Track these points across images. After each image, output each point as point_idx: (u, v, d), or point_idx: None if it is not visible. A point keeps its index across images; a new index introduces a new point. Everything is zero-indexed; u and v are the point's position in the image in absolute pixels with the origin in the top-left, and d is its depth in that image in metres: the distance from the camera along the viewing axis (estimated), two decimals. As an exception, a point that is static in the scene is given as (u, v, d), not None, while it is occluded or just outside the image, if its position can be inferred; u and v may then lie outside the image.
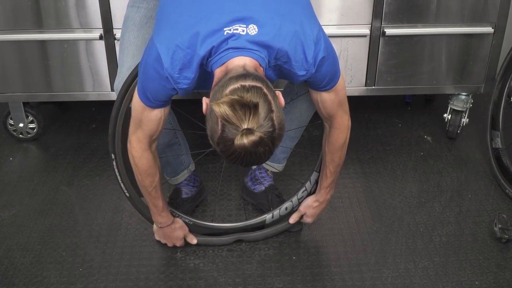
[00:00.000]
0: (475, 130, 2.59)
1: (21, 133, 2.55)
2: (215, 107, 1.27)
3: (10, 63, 2.31)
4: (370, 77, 2.39)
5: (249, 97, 1.28)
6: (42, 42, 2.27)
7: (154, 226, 1.94)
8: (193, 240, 1.97)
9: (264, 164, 2.12)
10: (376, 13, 2.26)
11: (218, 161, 2.36)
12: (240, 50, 1.42)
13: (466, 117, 2.52)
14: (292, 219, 2.00)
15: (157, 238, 1.97)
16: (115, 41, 2.25)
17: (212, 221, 2.04)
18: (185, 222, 1.96)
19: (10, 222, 2.11)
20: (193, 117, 1.89)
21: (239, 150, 1.30)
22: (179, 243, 1.96)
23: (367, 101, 2.73)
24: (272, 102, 1.32)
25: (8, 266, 1.91)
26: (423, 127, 2.68)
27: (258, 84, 1.32)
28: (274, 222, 2.02)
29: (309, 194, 1.99)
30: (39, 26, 2.23)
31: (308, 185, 1.98)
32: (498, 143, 2.34)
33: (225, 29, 1.42)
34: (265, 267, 1.92)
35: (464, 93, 2.48)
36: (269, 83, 1.37)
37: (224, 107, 1.26)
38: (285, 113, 1.92)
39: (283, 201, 2.05)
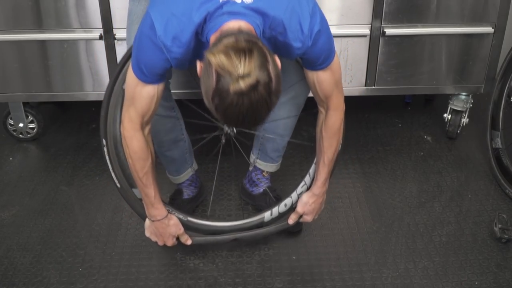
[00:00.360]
0: (475, 130, 2.59)
1: (21, 133, 2.55)
2: (211, 56, 1.25)
3: (10, 63, 2.31)
4: (370, 77, 2.39)
5: (244, 44, 1.26)
6: (42, 42, 2.27)
7: (146, 221, 1.85)
8: (188, 241, 1.88)
9: (257, 165, 2.11)
10: (376, 13, 2.26)
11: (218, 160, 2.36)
12: (234, 14, 1.40)
13: (466, 117, 2.52)
14: (291, 220, 1.93)
15: (147, 234, 1.87)
16: (115, 41, 2.25)
17: (208, 219, 1.99)
18: (180, 219, 1.87)
19: (10, 222, 2.11)
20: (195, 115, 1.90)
21: (235, 99, 1.26)
22: (170, 242, 1.85)
23: (367, 101, 2.73)
24: (268, 55, 1.30)
25: (8, 266, 1.91)
26: (423, 127, 2.68)
27: (253, 39, 1.30)
28: (273, 220, 1.97)
29: (309, 188, 1.93)
30: (39, 26, 2.23)
31: (307, 179, 1.93)
32: (498, 143, 2.34)
33: None
34: (265, 267, 1.92)
35: (464, 93, 2.48)
36: (265, 44, 1.34)
37: (219, 55, 1.25)
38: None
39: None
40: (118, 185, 1.85)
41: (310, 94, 1.91)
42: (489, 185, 2.29)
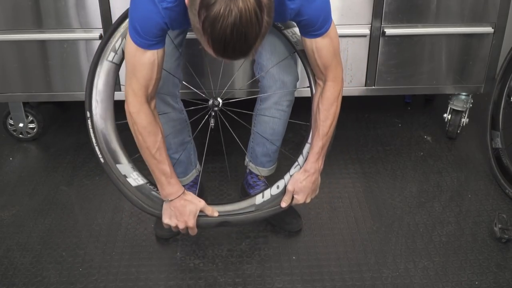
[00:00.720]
0: (475, 130, 2.59)
1: (21, 133, 2.55)
2: None
3: (10, 63, 2.31)
4: (370, 77, 2.39)
5: None
6: (42, 42, 2.27)
7: (164, 205, 1.73)
8: (215, 213, 1.75)
9: (250, 168, 2.10)
10: (376, 13, 2.26)
11: (218, 160, 2.36)
12: None
13: (466, 117, 2.52)
14: (284, 202, 1.81)
15: (165, 221, 1.73)
16: (115, 41, 2.25)
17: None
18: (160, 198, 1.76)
19: (10, 222, 2.11)
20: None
21: (223, 7, 1.19)
22: (191, 222, 1.71)
23: (367, 101, 2.73)
24: None
25: (8, 266, 1.91)
26: (423, 127, 2.68)
27: None
28: (265, 203, 1.83)
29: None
30: (39, 26, 2.23)
31: (300, 159, 1.81)
32: (498, 143, 2.34)
33: None
34: (265, 267, 1.92)
35: (464, 93, 2.48)
36: None
37: None
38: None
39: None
40: (102, 160, 1.76)
41: (297, 94, 1.90)
42: (489, 185, 2.29)
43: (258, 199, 1.84)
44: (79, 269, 1.90)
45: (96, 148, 1.74)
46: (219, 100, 1.84)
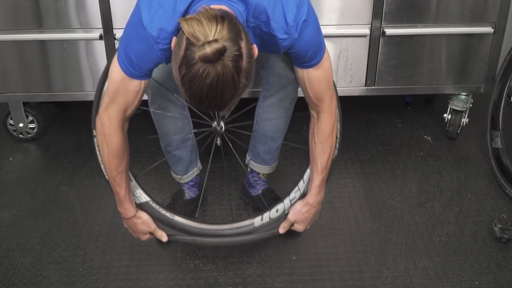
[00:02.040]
0: (475, 130, 2.59)
1: (21, 133, 2.55)
2: (183, 23, 1.22)
3: (10, 63, 2.31)
4: (370, 77, 2.39)
5: (218, 12, 1.24)
6: (42, 42, 2.27)
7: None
8: (163, 238, 1.83)
9: (252, 166, 2.10)
10: (376, 13, 2.26)
11: (218, 160, 2.36)
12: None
13: (466, 117, 2.52)
14: (282, 229, 1.84)
15: (125, 225, 1.87)
16: (115, 41, 2.25)
17: (195, 221, 1.89)
18: (166, 217, 1.83)
19: (10, 222, 2.11)
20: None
21: (201, 69, 1.22)
22: (143, 238, 1.84)
23: (367, 101, 2.73)
24: (243, 32, 1.27)
25: (8, 266, 1.91)
26: (423, 127, 2.68)
27: (230, 14, 1.27)
28: (263, 226, 1.86)
29: (303, 194, 1.84)
30: (39, 26, 2.23)
31: (301, 184, 1.84)
32: (498, 143, 2.34)
33: None
34: (265, 267, 1.92)
35: (464, 93, 2.48)
36: (244, 27, 1.31)
37: (191, 22, 1.22)
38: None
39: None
40: (107, 177, 1.79)
41: (300, 94, 1.91)
42: (489, 185, 2.29)
43: (257, 221, 1.86)
44: (79, 269, 1.90)
45: (102, 165, 1.79)
46: (222, 125, 1.90)
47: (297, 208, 1.83)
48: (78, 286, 1.84)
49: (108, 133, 1.64)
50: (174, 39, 1.33)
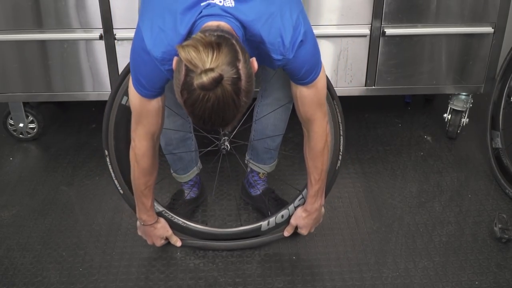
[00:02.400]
0: (475, 130, 2.59)
1: (21, 133, 2.55)
2: (180, 50, 1.24)
3: (10, 63, 2.31)
4: (370, 77, 2.39)
5: (214, 38, 1.25)
6: (42, 42, 2.27)
7: (138, 222, 1.91)
8: (177, 243, 1.96)
9: (251, 166, 2.11)
10: (376, 13, 2.26)
11: (218, 160, 2.36)
12: (214, 16, 1.39)
13: (466, 117, 2.52)
14: (287, 232, 1.96)
15: (139, 233, 1.94)
16: (115, 41, 2.25)
17: (206, 225, 2.03)
18: (179, 224, 1.95)
19: (10, 222, 2.11)
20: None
21: (201, 95, 1.24)
22: (159, 243, 1.94)
23: (367, 101, 2.73)
24: (240, 53, 1.28)
25: (8, 266, 1.91)
26: (423, 127, 2.68)
27: (227, 36, 1.29)
28: (270, 230, 1.98)
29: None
30: (39, 26, 2.23)
31: (305, 192, 1.92)
32: (498, 143, 2.34)
33: (201, 4, 1.41)
34: (265, 267, 1.92)
35: (464, 93, 2.48)
36: (241, 44, 1.32)
37: (188, 49, 1.23)
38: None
39: (281, 204, 2.05)
40: (121, 191, 1.92)
41: None
42: (489, 185, 2.29)
43: (264, 226, 1.97)
44: (79, 269, 1.90)
45: (115, 182, 1.90)
46: (227, 145, 1.94)
47: (298, 213, 1.92)
48: (78, 286, 1.84)
49: (139, 154, 1.70)
50: (175, 59, 1.35)
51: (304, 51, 1.52)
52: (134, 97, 1.59)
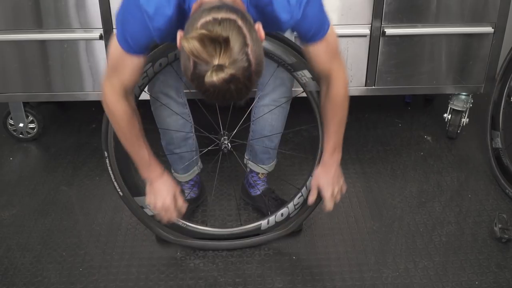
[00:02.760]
0: (475, 130, 2.59)
1: (21, 133, 2.55)
2: (184, 42, 1.20)
3: (10, 63, 2.31)
4: (370, 77, 2.39)
5: (220, 30, 1.21)
6: (42, 42, 2.27)
7: (146, 187, 1.77)
8: (183, 208, 1.79)
9: (250, 166, 2.11)
10: (376, 13, 2.26)
11: (218, 160, 2.36)
12: None
13: (466, 117, 2.52)
14: (310, 199, 1.82)
15: (147, 200, 1.78)
16: (115, 41, 2.25)
17: (206, 225, 2.02)
18: (178, 225, 1.94)
19: (10, 222, 2.11)
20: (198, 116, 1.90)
21: (211, 89, 1.22)
22: (168, 200, 1.74)
23: (367, 101, 2.73)
24: (248, 35, 1.24)
25: (8, 266, 1.91)
26: (423, 127, 2.68)
27: (232, 17, 1.24)
28: (270, 229, 1.97)
29: (306, 200, 1.88)
30: (39, 26, 2.23)
31: (304, 190, 1.91)
32: (498, 143, 2.34)
33: None
34: (265, 267, 1.92)
35: (464, 93, 2.48)
36: (247, 14, 1.29)
37: (193, 43, 1.19)
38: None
39: (280, 204, 2.04)
40: (121, 193, 1.90)
41: (295, 93, 1.92)
42: (489, 185, 2.29)
43: (264, 225, 1.96)
44: (79, 269, 1.90)
45: (115, 183, 1.88)
46: (228, 144, 1.94)
47: (316, 173, 1.81)
48: (78, 286, 1.84)
49: (113, 100, 1.61)
50: (179, 35, 1.31)
51: (311, 10, 1.50)
52: (115, 49, 1.53)
